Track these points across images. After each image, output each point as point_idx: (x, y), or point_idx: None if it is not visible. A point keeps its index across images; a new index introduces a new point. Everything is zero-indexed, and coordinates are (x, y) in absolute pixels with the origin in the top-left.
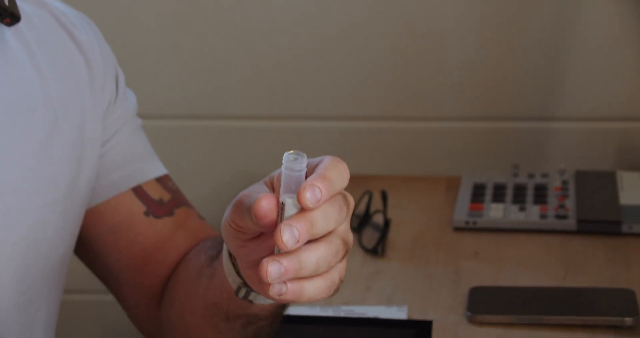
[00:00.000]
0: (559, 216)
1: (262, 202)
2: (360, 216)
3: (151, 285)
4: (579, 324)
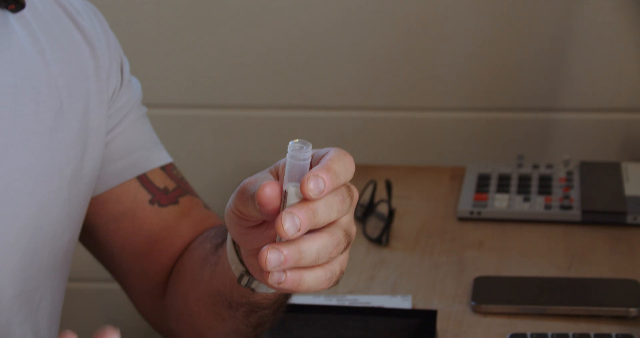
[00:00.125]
0: (563, 207)
1: (266, 189)
2: (365, 205)
3: (156, 273)
4: (583, 314)
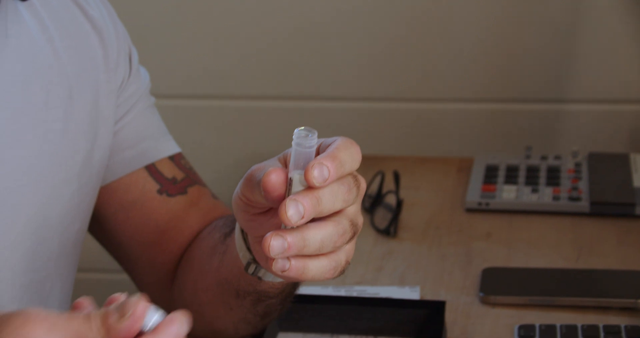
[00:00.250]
0: (571, 198)
1: (272, 176)
2: (373, 196)
3: (164, 263)
4: (592, 306)
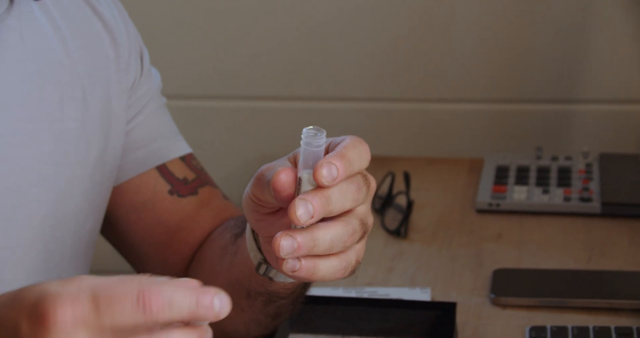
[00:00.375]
0: (582, 199)
1: (281, 175)
2: (383, 197)
3: (175, 264)
4: (603, 307)
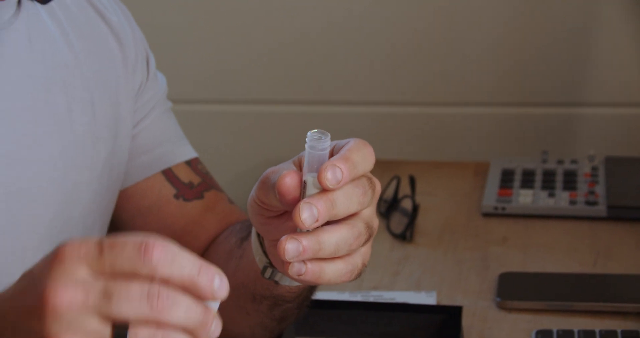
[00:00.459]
0: (588, 203)
1: (286, 179)
2: (389, 201)
3: None
4: (610, 311)
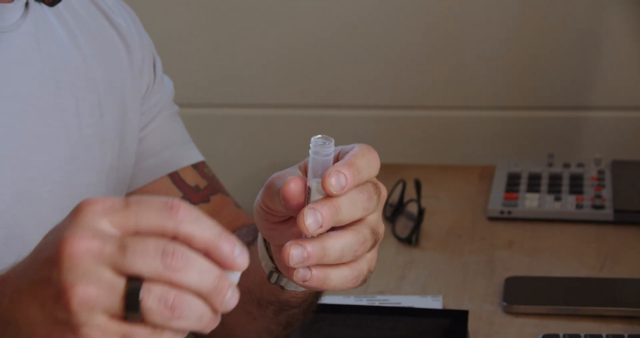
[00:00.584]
0: (595, 206)
1: (290, 185)
2: (394, 205)
3: None
4: (617, 315)
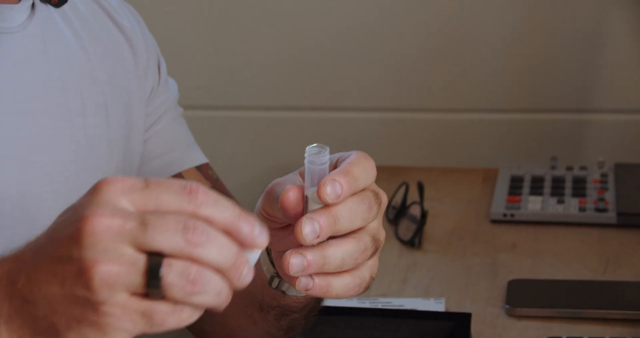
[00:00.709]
0: (598, 209)
1: (289, 194)
2: (397, 207)
3: None
4: (619, 318)
